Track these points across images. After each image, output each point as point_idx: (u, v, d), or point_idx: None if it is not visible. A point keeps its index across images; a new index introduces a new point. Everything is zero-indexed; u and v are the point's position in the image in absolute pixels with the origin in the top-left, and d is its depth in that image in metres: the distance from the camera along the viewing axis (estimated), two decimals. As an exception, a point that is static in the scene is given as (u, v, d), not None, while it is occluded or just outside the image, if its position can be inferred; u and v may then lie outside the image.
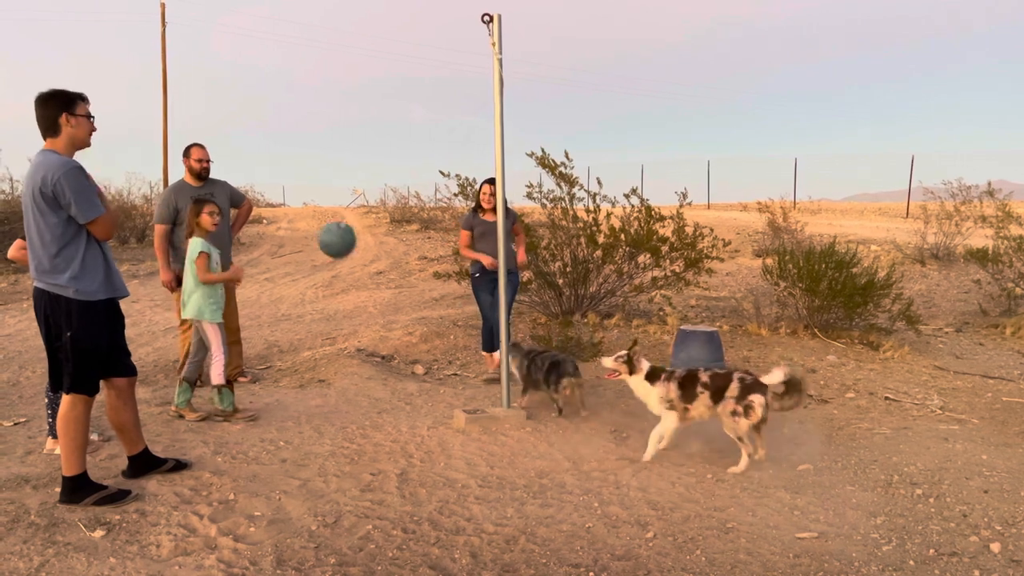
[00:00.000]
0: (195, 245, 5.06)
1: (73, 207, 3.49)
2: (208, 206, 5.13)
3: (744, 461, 4.23)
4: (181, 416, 5.13)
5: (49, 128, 3.57)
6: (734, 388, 4.31)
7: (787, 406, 4.36)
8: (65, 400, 3.65)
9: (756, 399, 4.24)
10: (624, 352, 4.62)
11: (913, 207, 22.36)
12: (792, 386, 4.33)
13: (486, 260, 6.23)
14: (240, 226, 6.57)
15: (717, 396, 4.35)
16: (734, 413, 4.27)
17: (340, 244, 5.48)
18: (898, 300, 8.01)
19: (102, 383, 3.81)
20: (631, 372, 4.58)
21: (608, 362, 4.64)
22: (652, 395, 4.51)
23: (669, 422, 4.43)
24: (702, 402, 4.38)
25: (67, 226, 3.53)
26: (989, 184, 13.29)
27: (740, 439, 4.26)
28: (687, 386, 4.42)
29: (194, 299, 5.10)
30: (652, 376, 4.54)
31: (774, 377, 4.30)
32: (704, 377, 4.41)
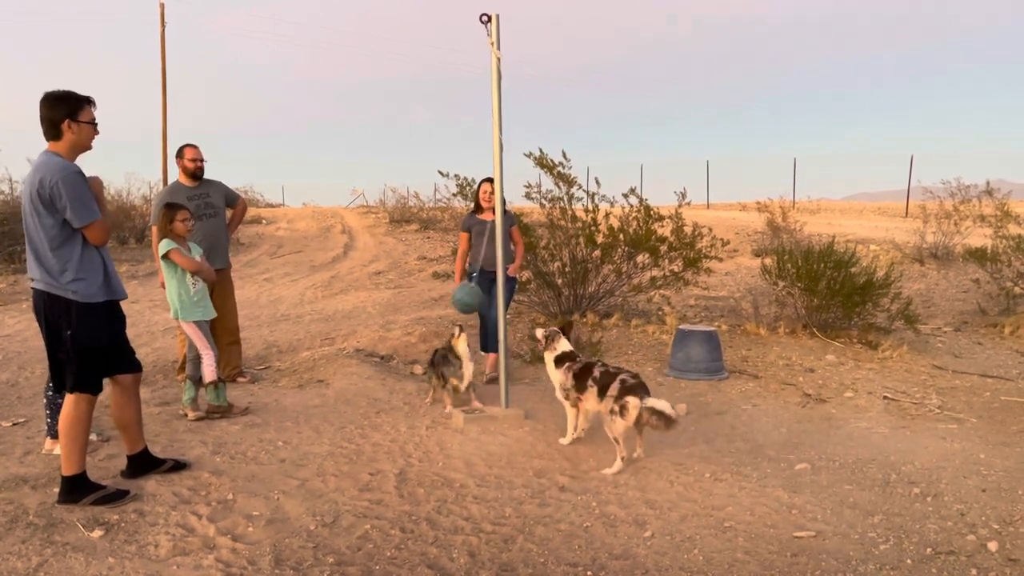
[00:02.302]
0: (163, 244, 5.08)
1: (68, 211, 3.50)
2: (181, 213, 5.14)
3: (617, 463, 4.18)
4: (185, 415, 5.16)
5: (52, 131, 3.59)
6: (615, 387, 4.23)
7: (655, 426, 4.16)
8: (68, 399, 3.66)
9: (631, 400, 4.14)
10: (554, 328, 4.92)
11: (912, 206, 22.37)
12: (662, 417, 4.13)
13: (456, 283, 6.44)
14: (235, 226, 6.58)
15: (602, 393, 4.32)
16: (611, 412, 4.21)
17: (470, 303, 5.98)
18: (897, 299, 8.01)
19: (107, 380, 3.83)
20: (545, 348, 4.81)
21: (539, 333, 4.93)
22: (555, 378, 4.73)
23: (568, 411, 4.65)
24: (592, 395, 4.41)
25: (62, 228, 3.55)
26: (988, 183, 13.28)
27: (616, 440, 4.20)
28: (581, 377, 4.50)
29: (170, 298, 5.18)
30: (560, 360, 4.72)
31: (659, 405, 4.14)
32: (596, 372, 4.44)
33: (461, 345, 5.43)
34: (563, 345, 4.80)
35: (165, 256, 5.06)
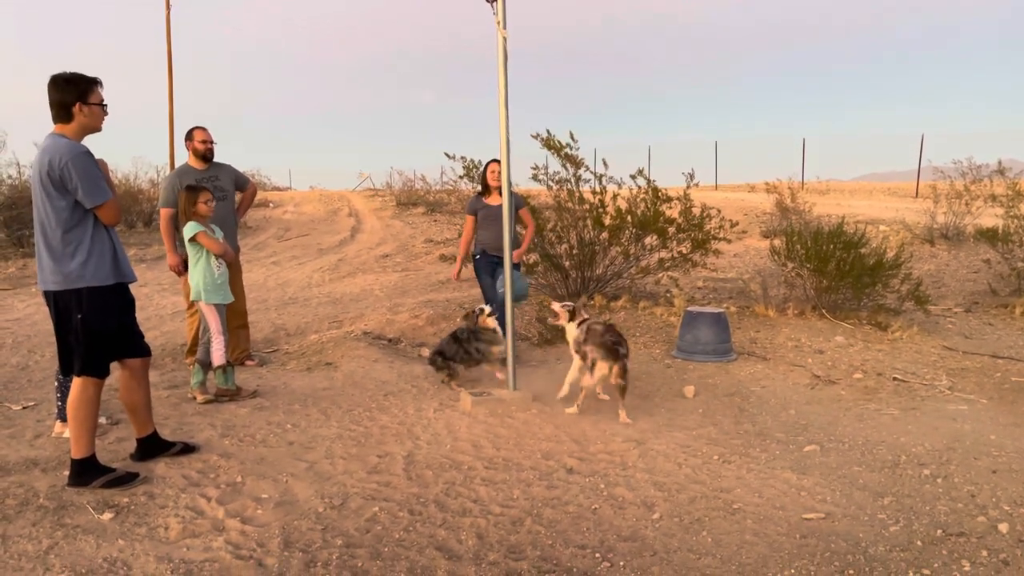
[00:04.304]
0: (189, 227, 5.12)
1: (80, 191, 3.49)
2: (203, 194, 5.15)
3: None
4: (194, 398, 5.19)
5: (61, 114, 3.57)
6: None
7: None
8: (76, 383, 3.67)
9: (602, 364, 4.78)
10: (570, 303, 5.44)
11: (923, 187, 22.17)
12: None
13: (453, 272, 6.86)
14: (245, 210, 6.55)
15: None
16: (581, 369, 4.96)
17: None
18: (907, 280, 7.95)
19: (116, 364, 3.84)
20: (570, 320, 5.31)
21: (556, 306, 5.42)
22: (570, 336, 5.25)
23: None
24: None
25: (73, 210, 3.54)
26: (1000, 163, 13.12)
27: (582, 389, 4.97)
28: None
29: (193, 280, 5.20)
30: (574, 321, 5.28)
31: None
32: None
33: (492, 321, 5.84)
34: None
35: (192, 239, 5.08)
